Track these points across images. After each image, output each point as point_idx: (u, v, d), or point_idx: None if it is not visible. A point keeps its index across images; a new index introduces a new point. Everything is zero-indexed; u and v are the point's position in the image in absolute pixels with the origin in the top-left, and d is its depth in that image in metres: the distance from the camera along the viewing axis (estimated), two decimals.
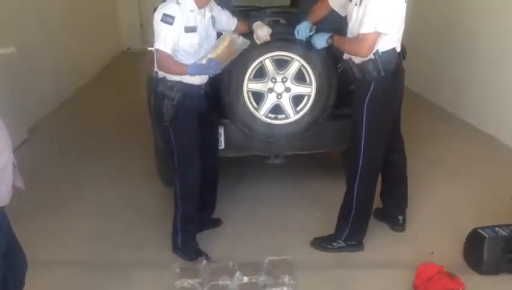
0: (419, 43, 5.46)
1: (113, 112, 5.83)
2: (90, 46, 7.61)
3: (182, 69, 2.69)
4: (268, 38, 2.98)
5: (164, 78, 2.77)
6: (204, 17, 2.81)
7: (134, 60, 7.85)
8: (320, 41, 2.89)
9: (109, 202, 3.74)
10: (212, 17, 2.87)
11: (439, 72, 6.02)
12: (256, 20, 3.05)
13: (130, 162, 4.38)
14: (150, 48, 2.94)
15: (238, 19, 3.06)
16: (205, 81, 2.88)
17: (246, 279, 2.74)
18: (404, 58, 2.87)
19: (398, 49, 2.78)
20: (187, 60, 2.73)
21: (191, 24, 2.71)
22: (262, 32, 2.96)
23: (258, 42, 3.00)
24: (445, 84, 5.92)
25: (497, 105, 4.93)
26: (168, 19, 2.63)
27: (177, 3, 2.68)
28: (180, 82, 2.75)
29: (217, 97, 3.11)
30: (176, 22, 2.64)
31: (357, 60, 2.78)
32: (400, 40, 2.79)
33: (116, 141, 4.89)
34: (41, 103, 5.65)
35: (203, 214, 3.28)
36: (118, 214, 3.56)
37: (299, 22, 3.01)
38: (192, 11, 2.72)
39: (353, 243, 3.06)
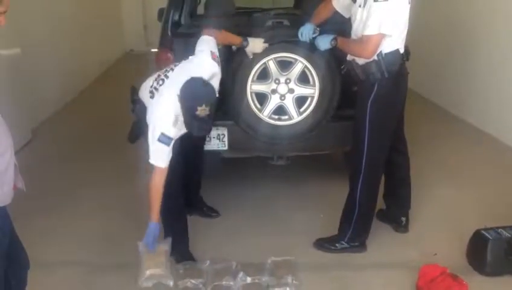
0: (422, 44, 5.46)
1: (116, 113, 5.81)
2: (93, 48, 7.64)
3: (154, 211, 2.67)
4: (267, 45, 3.01)
5: (143, 104, 2.74)
6: None
7: (138, 61, 7.87)
8: (324, 42, 2.90)
9: (112, 203, 3.75)
10: None
11: (442, 74, 6.03)
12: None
13: (132, 162, 4.37)
14: (153, 50, 2.95)
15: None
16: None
17: (249, 279, 2.74)
18: (407, 59, 2.87)
19: (402, 51, 2.78)
20: None
21: (182, 132, 2.65)
22: (258, 47, 3.01)
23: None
24: (448, 85, 5.92)
25: (500, 106, 4.93)
26: (165, 140, 2.55)
27: (175, 121, 2.56)
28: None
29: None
30: (172, 141, 2.58)
31: (361, 61, 2.78)
32: (404, 41, 2.79)
33: (119, 142, 4.84)
34: (45, 104, 5.67)
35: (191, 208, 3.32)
36: (120, 214, 3.56)
37: (302, 23, 3.02)
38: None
39: (356, 244, 3.06)
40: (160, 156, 2.59)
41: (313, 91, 3.20)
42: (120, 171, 4.26)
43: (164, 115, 2.57)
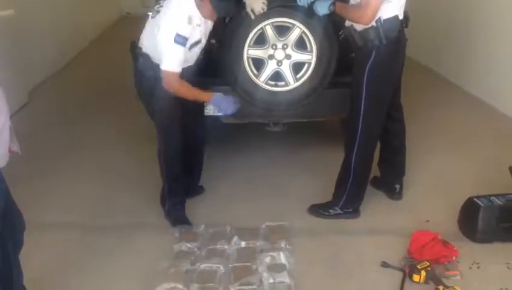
0: (422, 10, 5.38)
1: (112, 76, 5.80)
2: (90, 10, 7.53)
3: (202, 95, 2.74)
4: (265, 8, 2.93)
5: (147, 56, 2.72)
6: (207, 24, 2.75)
7: (134, 24, 7.75)
8: (323, 8, 2.85)
9: (109, 166, 3.77)
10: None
11: (441, 41, 5.96)
12: None
13: (130, 125, 4.38)
14: (149, 13, 2.89)
15: None
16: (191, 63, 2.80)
17: (243, 243, 2.78)
18: (406, 26, 2.84)
19: (401, 17, 2.75)
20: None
21: (196, 39, 2.65)
22: (257, 5, 2.91)
23: (253, 16, 2.95)
24: (447, 53, 5.87)
25: (499, 75, 4.90)
26: (181, 40, 2.53)
27: (189, 20, 2.57)
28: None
29: (212, 64, 3.08)
30: (187, 42, 2.58)
31: (359, 27, 2.75)
32: (403, 7, 2.76)
33: (115, 105, 4.88)
34: (41, 67, 5.62)
35: (190, 180, 3.27)
36: (117, 177, 3.59)
37: None
38: (198, 25, 2.65)
39: (350, 210, 3.09)
40: (176, 58, 2.58)
41: (310, 57, 3.17)
42: (118, 134, 4.28)
43: (177, 15, 2.57)
